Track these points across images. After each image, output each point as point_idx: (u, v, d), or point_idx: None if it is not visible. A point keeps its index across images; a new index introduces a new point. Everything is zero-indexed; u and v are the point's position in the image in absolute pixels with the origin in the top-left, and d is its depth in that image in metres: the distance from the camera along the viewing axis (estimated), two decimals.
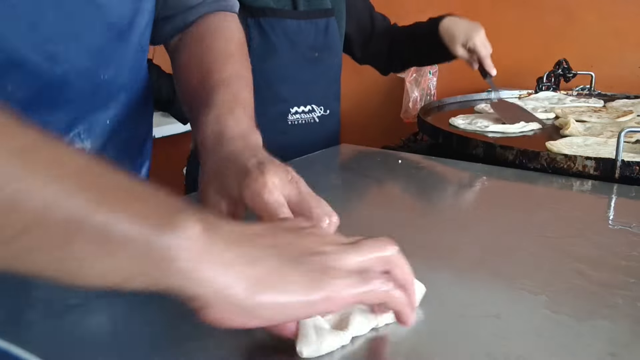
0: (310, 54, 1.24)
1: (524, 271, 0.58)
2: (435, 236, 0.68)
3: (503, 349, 0.44)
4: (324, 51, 1.28)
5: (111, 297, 0.54)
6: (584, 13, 1.93)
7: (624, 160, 0.92)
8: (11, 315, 0.50)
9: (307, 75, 1.25)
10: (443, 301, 0.52)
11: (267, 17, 1.17)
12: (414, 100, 2.21)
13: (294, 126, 1.24)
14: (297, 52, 1.22)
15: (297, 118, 1.24)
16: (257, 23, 1.16)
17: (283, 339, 0.43)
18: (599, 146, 1.08)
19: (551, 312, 0.50)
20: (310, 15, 1.24)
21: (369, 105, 2.30)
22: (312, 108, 1.26)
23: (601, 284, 0.56)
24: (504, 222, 0.74)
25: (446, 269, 0.59)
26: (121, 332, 0.48)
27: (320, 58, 1.27)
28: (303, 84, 1.24)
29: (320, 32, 1.26)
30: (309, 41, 1.24)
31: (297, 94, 1.24)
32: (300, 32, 1.22)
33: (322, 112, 1.29)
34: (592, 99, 1.64)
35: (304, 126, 1.25)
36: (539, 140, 1.13)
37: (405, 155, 1.01)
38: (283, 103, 1.22)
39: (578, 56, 1.86)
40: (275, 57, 1.18)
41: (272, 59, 1.19)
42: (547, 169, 0.98)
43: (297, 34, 1.21)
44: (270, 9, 1.18)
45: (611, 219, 0.77)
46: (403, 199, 0.83)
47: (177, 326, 0.48)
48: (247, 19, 1.15)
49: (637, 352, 0.44)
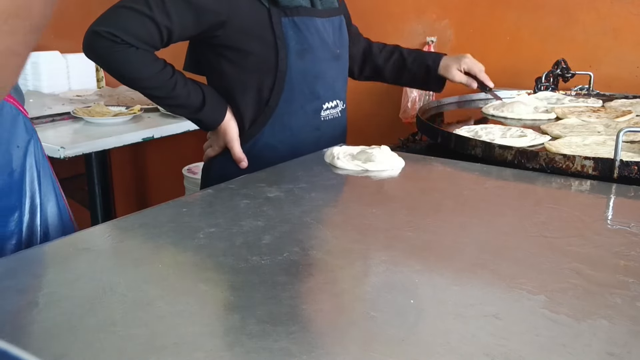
0: (335, 51, 1.28)
1: (523, 271, 0.59)
2: (435, 236, 0.69)
3: (502, 349, 0.44)
4: (342, 47, 1.32)
5: (111, 297, 0.54)
6: (582, 13, 1.93)
7: (623, 160, 0.92)
8: (11, 315, 0.50)
9: (333, 71, 1.29)
10: (442, 301, 0.52)
11: (301, 15, 1.20)
12: (412, 101, 2.21)
13: (325, 121, 1.28)
14: (326, 49, 1.25)
15: (328, 114, 1.29)
16: (293, 22, 1.18)
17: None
18: (598, 146, 1.08)
19: (550, 311, 0.50)
20: (328, 13, 1.27)
21: (368, 105, 2.30)
22: (336, 103, 1.31)
23: (600, 283, 0.56)
24: (503, 222, 0.74)
25: (445, 268, 0.60)
26: (121, 332, 0.48)
27: (340, 54, 1.31)
28: (331, 80, 1.28)
29: (337, 30, 1.30)
30: (331, 38, 1.27)
31: (328, 90, 1.28)
32: (324, 30, 1.25)
33: (342, 106, 1.33)
34: (591, 99, 1.64)
35: (331, 121, 1.29)
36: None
37: (404, 155, 1.01)
38: (318, 100, 1.26)
39: (577, 56, 1.86)
40: (310, 55, 1.21)
41: (308, 56, 1.21)
42: (546, 169, 0.98)
43: (323, 32, 1.25)
44: (303, 8, 1.21)
45: (610, 218, 0.77)
46: (402, 199, 0.83)
47: (176, 326, 0.49)
48: (282, 18, 1.17)
49: (635, 351, 0.44)
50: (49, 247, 0.64)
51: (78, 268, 0.60)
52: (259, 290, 0.56)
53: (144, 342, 0.47)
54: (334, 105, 1.30)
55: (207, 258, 0.62)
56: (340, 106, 1.32)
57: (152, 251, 0.65)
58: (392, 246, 0.66)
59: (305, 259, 0.62)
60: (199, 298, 0.55)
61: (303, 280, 0.58)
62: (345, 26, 1.34)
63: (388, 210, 0.71)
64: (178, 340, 0.46)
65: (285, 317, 0.50)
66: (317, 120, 1.27)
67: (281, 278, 0.58)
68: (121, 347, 0.46)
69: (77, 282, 0.57)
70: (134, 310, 0.51)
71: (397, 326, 0.48)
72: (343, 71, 1.34)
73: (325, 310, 0.51)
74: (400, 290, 0.55)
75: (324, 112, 1.28)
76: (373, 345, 0.46)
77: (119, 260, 0.64)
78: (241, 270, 0.59)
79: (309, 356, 0.43)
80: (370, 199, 0.72)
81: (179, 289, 0.56)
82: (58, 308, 0.51)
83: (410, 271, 0.59)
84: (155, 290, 0.55)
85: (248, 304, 0.53)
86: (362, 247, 0.65)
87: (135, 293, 0.54)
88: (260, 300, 0.54)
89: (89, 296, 0.54)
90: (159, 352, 0.44)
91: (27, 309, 0.51)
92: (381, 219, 0.71)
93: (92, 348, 0.46)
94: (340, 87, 1.33)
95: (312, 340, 0.46)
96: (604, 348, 0.45)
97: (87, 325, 0.49)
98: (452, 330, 0.47)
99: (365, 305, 0.53)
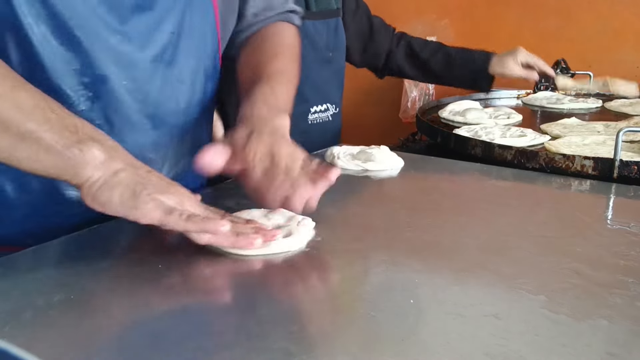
0: (326, 54, 1.27)
1: (523, 271, 0.59)
2: (434, 236, 0.69)
3: (502, 349, 0.44)
4: (336, 51, 1.31)
5: (111, 297, 0.54)
6: (582, 13, 1.93)
7: (623, 160, 0.92)
8: (10, 315, 0.50)
9: (324, 74, 1.28)
10: (442, 301, 0.52)
11: None
12: (412, 100, 2.21)
13: (313, 125, 1.27)
14: (316, 52, 1.25)
15: (316, 117, 1.28)
16: None
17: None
18: (598, 146, 1.08)
19: (550, 311, 0.50)
20: (323, 15, 1.26)
21: (367, 105, 2.30)
22: (327, 107, 1.30)
23: (600, 283, 0.56)
24: (503, 222, 0.74)
25: (445, 268, 0.60)
26: (120, 332, 0.48)
27: (333, 58, 1.30)
28: (321, 83, 1.27)
29: (332, 32, 1.28)
30: (324, 41, 1.26)
31: (316, 93, 1.27)
32: (316, 33, 1.24)
33: (334, 110, 1.32)
34: (591, 99, 1.64)
35: (320, 125, 1.28)
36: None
37: (404, 155, 1.01)
38: (304, 103, 1.25)
39: (576, 56, 1.86)
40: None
41: None
42: (546, 168, 0.98)
43: (314, 35, 1.24)
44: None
45: (609, 218, 0.77)
46: (402, 199, 0.83)
47: (175, 326, 0.48)
48: None
49: (635, 351, 0.44)
50: (48, 247, 0.64)
51: (78, 268, 0.60)
52: (258, 290, 0.56)
53: (144, 342, 0.47)
54: (324, 109, 1.28)
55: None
56: (331, 110, 1.30)
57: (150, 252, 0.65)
58: (392, 246, 0.66)
59: (305, 258, 0.62)
60: (199, 298, 0.55)
61: (302, 280, 0.58)
62: (342, 28, 1.32)
63: (388, 210, 0.71)
64: (178, 340, 0.46)
65: (284, 317, 0.50)
66: (304, 124, 1.25)
67: (280, 278, 0.58)
68: (120, 347, 0.46)
69: (78, 282, 0.57)
70: (134, 311, 0.51)
71: (397, 326, 0.48)
72: (336, 74, 1.32)
73: (325, 310, 0.51)
74: (400, 290, 0.55)
75: (312, 116, 1.26)
76: (373, 345, 0.46)
77: (119, 258, 0.64)
78: (239, 270, 0.59)
79: (309, 356, 0.43)
80: (369, 198, 0.72)
81: (178, 289, 0.56)
82: (58, 308, 0.51)
83: (410, 271, 0.59)
84: (154, 290, 0.55)
85: (248, 304, 0.53)
86: (362, 247, 0.65)
87: (135, 293, 0.54)
88: (259, 300, 0.54)
89: (89, 296, 0.54)
90: (159, 352, 0.44)
91: (27, 309, 0.50)
92: (381, 219, 0.71)
93: (91, 348, 0.46)
94: (332, 91, 1.31)
95: (311, 340, 0.46)
96: (604, 348, 0.45)
97: (87, 326, 0.49)
98: (452, 330, 0.47)
99: (365, 305, 0.53)
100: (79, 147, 0.59)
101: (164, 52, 0.76)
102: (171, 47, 0.77)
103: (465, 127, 1.25)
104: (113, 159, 0.60)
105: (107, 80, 0.71)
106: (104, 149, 0.60)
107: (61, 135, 0.59)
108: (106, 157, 0.59)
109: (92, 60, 0.69)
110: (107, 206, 0.59)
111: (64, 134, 0.59)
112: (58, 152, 0.58)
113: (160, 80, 0.76)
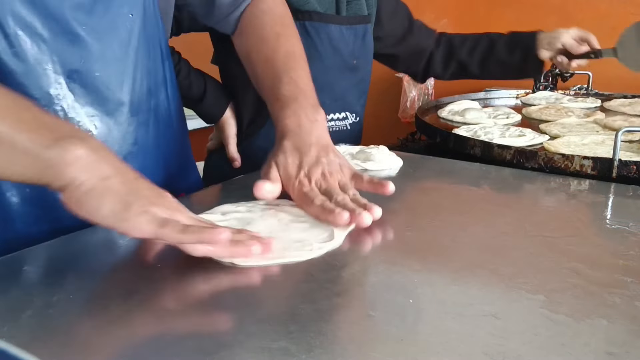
0: (349, 61, 1.23)
1: (522, 271, 0.59)
2: (433, 236, 0.69)
3: (501, 349, 0.44)
4: (361, 58, 1.26)
5: (111, 296, 0.54)
6: (581, 13, 1.93)
7: (621, 159, 0.93)
8: (9, 315, 0.50)
9: (345, 82, 1.23)
10: (441, 300, 0.52)
11: (313, 20, 1.16)
12: (411, 100, 2.21)
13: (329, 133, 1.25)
14: (338, 58, 1.21)
15: (332, 125, 1.23)
16: (303, 26, 1.14)
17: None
18: (597, 145, 1.08)
19: (549, 311, 0.50)
20: (351, 20, 1.22)
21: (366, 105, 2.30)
22: (345, 115, 1.26)
23: (599, 283, 0.56)
24: (502, 221, 0.74)
25: (444, 268, 0.60)
26: (120, 332, 0.48)
27: (357, 65, 1.25)
28: (341, 90, 1.23)
29: (359, 39, 1.24)
30: (349, 48, 1.22)
31: (335, 100, 1.22)
32: (341, 38, 1.20)
33: (353, 119, 1.28)
34: (590, 99, 1.65)
35: (337, 133, 1.22)
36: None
37: (403, 154, 1.01)
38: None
39: None
40: (318, 63, 1.16)
41: (315, 64, 1.16)
42: (545, 168, 0.98)
43: (339, 40, 1.20)
44: (316, 13, 1.16)
45: (608, 218, 0.78)
46: (401, 199, 0.83)
47: (174, 326, 0.49)
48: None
49: (634, 351, 0.44)
50: (48, 246, 0.64)
51: (78, 268, 0.60)
52: (257, 290, 0.56)
53: (144, 342, 0.47)
54: (342, 117, 1.25)
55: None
56: (350, 119, 1.27)
57: (150, 252, 0.65)
58: (391, 246, 0.66)
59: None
60: (198, 298, 0.55)
61: (302, 280, 0.58)
62: (370, 36, 1.28)
63: (387, 210, 0.71)
64: (177, 340, 0.46)
65: (284, 317, 0.50)
66: None
67: (279, 278, 0.58)
68: (120, 347, 0.46)
69: (77, 282, 0.57)
70: (134, 310, 0.51)
71: (396, 326, 0.48)
72: (359, 83, 1.29)
73: (324, 309, 0.51)
74: (399, 289, 0.55)
75: (328, 123, 1.22)
76: (372, 344, 0.46)
77: (118, 258, 0.64)
78: (238, 270, 0.59)
79: (308, 356, 0.43)
80: (368, 198, 0.72)
81: (177, 289, 0.56)
82: (57, 308, 0.51)
83: (409, 271, 0.59)
84: (154, 290, 0.55)
85: (247, 304, 0.53)
86: (361, 247, 0.65)
87: (134, 293, 0.54)
88: (259, 299, 0.54)
89: (88, 296, 0.54)
90: (159, 352, 0.44)
91: (26, 309, 0.50)
92: (380, 218, 0.70)
93: (91, 348, 0.46)
94: (354, 100, 1.27)
95: (311, 340, 0.46)
96: (603, 347, 0.45)
97: (87, 326, 0.49)
98: (451, 330, 0.47)
99: (364, 305, 0.53)
100: (60, 146, 0.53)
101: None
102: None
103: (464, 126, 1.25)
104: (100, 161, 0.55)
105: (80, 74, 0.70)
106: (88, 149, 0.55)
107: (39, 134, 0.54)
108: (92, 158, 0.55)
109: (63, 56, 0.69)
110: (94, 215, 0.55)
111: (42, 132, 0.54)
112: (36, 153, 0.53)
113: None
